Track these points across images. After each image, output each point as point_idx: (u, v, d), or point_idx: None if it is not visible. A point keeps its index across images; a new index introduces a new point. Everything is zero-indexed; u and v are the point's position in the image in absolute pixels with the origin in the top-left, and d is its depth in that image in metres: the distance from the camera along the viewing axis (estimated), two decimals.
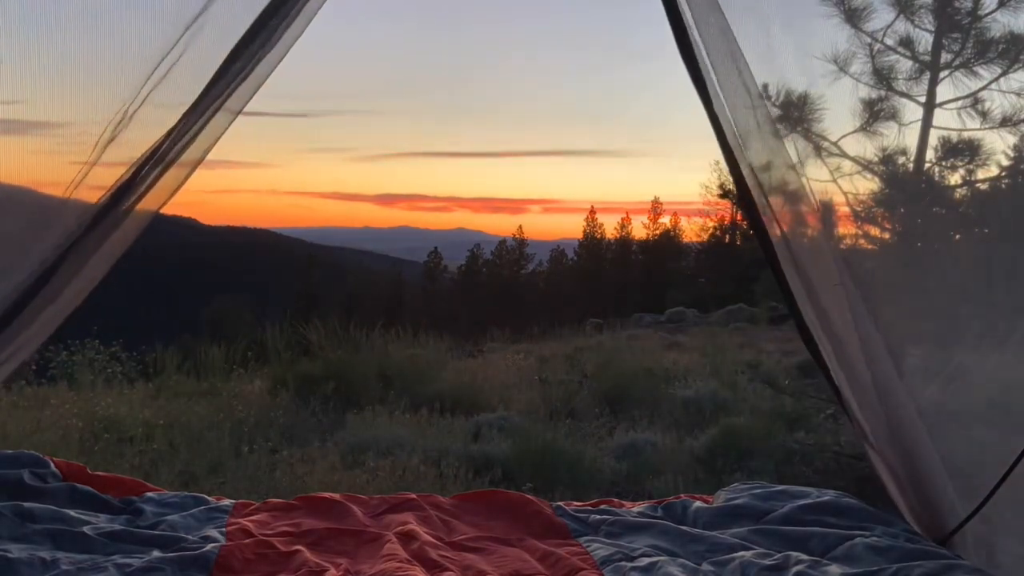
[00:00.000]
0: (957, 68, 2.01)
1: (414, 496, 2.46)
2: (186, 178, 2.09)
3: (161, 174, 1.97)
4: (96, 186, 1.86)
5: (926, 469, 2.09)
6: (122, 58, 1.78)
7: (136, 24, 1.77)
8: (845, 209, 2.12)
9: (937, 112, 2.06)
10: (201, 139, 2.00)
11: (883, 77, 2.03)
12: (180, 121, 1.85)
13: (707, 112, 1.97)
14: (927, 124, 2.06)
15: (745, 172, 2.02)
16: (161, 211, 2.15)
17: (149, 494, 2.34)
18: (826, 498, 2.35)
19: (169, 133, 1.86)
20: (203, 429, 5.65)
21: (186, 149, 1.98)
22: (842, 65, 1.99)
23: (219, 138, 2.07)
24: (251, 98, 2.03)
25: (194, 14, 1.74)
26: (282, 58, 1.99)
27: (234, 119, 2.06)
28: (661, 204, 34.07)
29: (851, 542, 2.10)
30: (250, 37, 1.81)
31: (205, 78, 1.82)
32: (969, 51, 1.99)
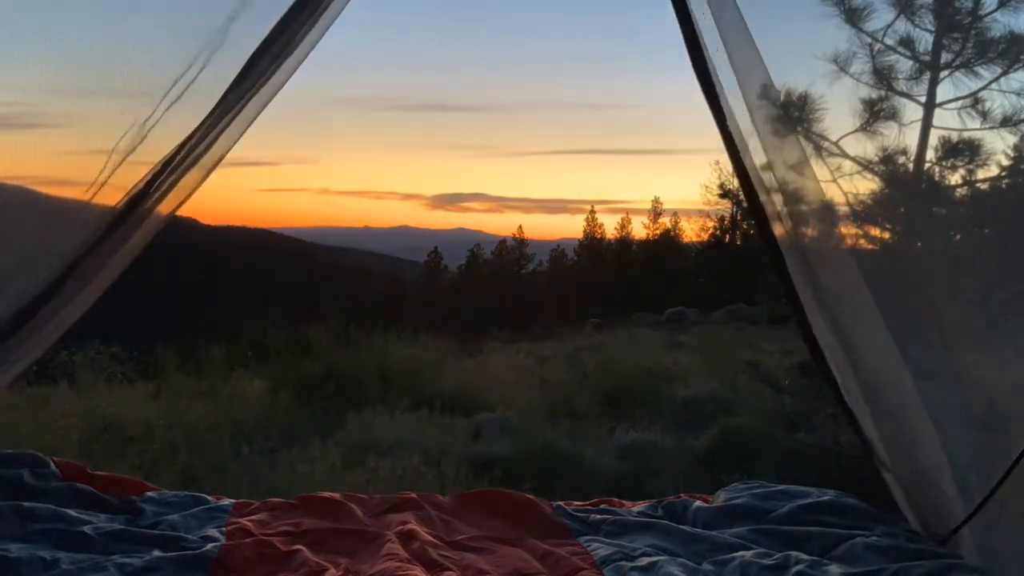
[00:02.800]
0: (957, 68, 2.00)
1: (414, 496, 2.46)
2: (202, 181, 2.11)
3: (180, 177, 1.98)
4: (116, 187, 1.87)
5: (926, 469, 2.09)
6: (142, 64, 1.78)
7: (159, 31, 1.78)
8: (845, 209, 2.12)
9: (937, 112, 2.05)
10: (219, 144, 2.02)
11: (883, 77, 2.03)
12: (199, 126, 1.86)
13: (712, 112, 1.97)
14: (927, 124, 2.06)
15: (749, 171, 2.02)
16: (173, 215, 2.16)
17: (149, 494, 2.34)
18: (826, 498, 2.35)
19: (188, 138, 1.86)
20: (203, 429, 5.65)
21: (204, 153, 1.99)
22: (842, 65, 1.99)
23: (235, 143, 2.08)
24: (269, 102, 2.04)
25: (215, 26, 1.74)
26: (300, 63, 2.00)
27: (249, 126, 2.07)
28: (661, 204, 33.99)
29: (851, 542, 2.10)
30: (267, 46, 1.81)
31: (225, 83, 1.83)
32: (969, 51, 1.99)
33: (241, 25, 1.75)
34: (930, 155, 2.09)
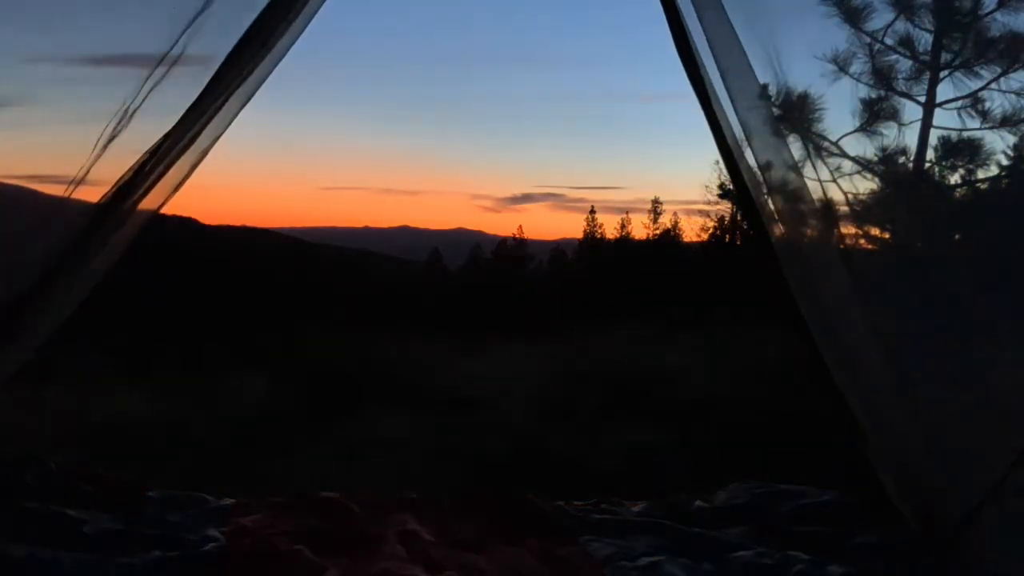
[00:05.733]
0: (957, 68, 2.00)
1: (414, 496, 2.46)
2: (186, 177, 2.10)
3: (163, 173, 1.97)
4: (97, 184, 1.86)
5: (926, 469, 2.09)
6: (121, 56, 1.77)
7: (136, 21, 1.77)
8: (845, 209, 2.12)
9: (937, 112, 2.05)
10: (202, 138, 2.01)
11: (883, 77, 2.03)
12: (181, 119, 1.85)
13: (705, 113, 1.97)
14: (927, 124, 2.06)
15: (744, 172, 2.02)
16: (160, 211, 2.15)
17: (149, 494, 2.34)
18: (826, 498, 2.35)
19: (169, 133, 1.86)
20: (203, 429, 5.65)
21: (187, 148, 1.98)
22: (842, 65, 1.99)
23: (219, 137, 2.07)
24: (250, 99, 2.03)
25: (195, 12, 1.73)
26: (283, 57, 1.99)
27: (232, 120, 2.06)
28: (661, 204, 33.98)
29: (851, 542, 2.10)
30: (249, 37, 1.80)
31: (204, 79, 1.82)
32: (969, 51, 1.99)
33: (218, 17, 1.73)
34: (930, 155, 2.09)
